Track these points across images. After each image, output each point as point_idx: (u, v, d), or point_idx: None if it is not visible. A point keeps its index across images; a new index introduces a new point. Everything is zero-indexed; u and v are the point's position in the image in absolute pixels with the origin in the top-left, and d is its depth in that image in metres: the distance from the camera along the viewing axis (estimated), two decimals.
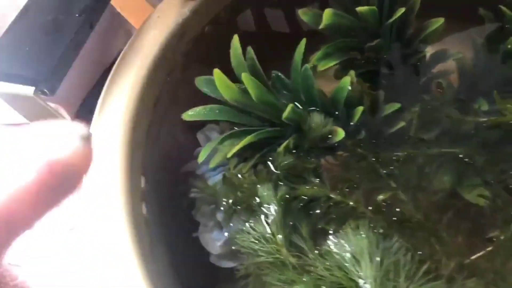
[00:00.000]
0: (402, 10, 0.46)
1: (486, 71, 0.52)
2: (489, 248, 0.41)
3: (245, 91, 0.44)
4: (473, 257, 0.41)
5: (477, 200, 0.43)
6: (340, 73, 0.49)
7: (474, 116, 0.46)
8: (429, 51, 0.53)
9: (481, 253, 0.41)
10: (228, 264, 0.50)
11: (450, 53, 0.52)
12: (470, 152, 0.44)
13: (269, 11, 0.60)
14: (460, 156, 0.44)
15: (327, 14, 0.45)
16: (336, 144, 0.45)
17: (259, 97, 0.43)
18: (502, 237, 0.41)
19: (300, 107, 0.45)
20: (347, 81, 0.45)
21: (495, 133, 0.45)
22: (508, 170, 0.43)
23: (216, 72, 0.44)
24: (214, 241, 0.47)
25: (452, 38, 0.57)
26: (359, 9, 0.44)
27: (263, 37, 0.61)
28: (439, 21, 0.48)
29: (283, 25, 0.61)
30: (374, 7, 0.44)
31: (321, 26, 0.46)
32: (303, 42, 0.46)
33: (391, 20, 0.46)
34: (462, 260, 0.41)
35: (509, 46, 0.50)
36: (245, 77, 0.42)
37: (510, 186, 0.42)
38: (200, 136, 0.52)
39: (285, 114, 0.42)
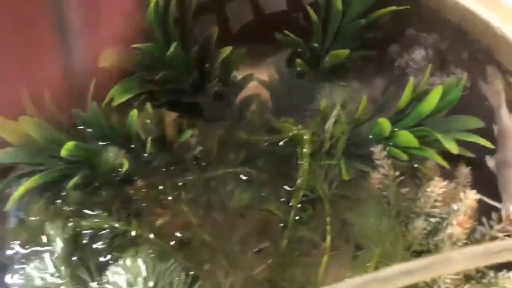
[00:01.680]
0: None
1: (289, 92, 0.56)
2: (269, 261, 0.44)
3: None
4: (256, 271, 0.44)
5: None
6: (140, 106, 0.51)
7: (260, 136, 0.49)
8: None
9: (262, 267, 0.44)
10: None
11: (253, 77, 0.55)
12: (252, 170, 0.47)
13: None
14: (242, 175, 0.46)
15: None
16: (131, 175, 0.47)
17: (43, 137, 0.45)
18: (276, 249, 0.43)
19: (88, 143, 0.47)
20: (134, 114, 0.47)
21: (276, 150, 0.48)
22: (284, 183, 0.46)
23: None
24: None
25: (265, 63, 0.61)
26: (139, 46, 0.47)
27: None
28: (227, 50, 0.51)
29: None
30: (150, 44, 0.47)
31: (111, 63, 0.48)
32: (92, 83, 0.48)
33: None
34: (243, 274, 0.43)
35: (298, 68, 0.55)
36: (25, 121, 0.44)
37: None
38: None
39: (63, 152, 0.43)
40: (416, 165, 0.47)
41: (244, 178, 0.46)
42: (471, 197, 0.42)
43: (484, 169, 0.51)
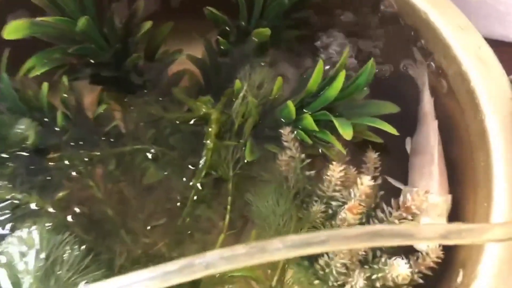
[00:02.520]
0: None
1: (215, 69, 0.56)
2: (167, 238, 0.44)
3: None
4: (154, 248, 0.44)
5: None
6: (58, 79, 0.51)
7: (174, 113, 0.49)
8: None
9: (160, 244, 0.44)
10: None
11: (181, 53, 0.55)
12: (160, 148, 0.47)
13: None
14: (149, 152, 0.47)
15: (22, 24, 0.47)
16: (43, 148, 0.48)
17: None
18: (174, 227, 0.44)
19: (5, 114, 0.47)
20: (45, 87, 0.47)
21: (188, 128, 0.48)
22: (189, 162, 0.46)
23: None
24: None
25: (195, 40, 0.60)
26: (47, 18, 0.46)
27: None
28: (147, 24, 0.51)
29: None
30: (59, 18, 0.46)
31: (22, 36, 0.48)
32: (6, 53, 0.48)
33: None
34: (140, 249, 0.44)
35: (222, 47, 0.54)
36: None
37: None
38: None
39: None
40: (320, 149, 0.47)
41: (150, 156, 0.47)
42: (366, 183, 0.42)
43: (404, 155, 0.51)
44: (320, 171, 0.47)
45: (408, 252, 0.43)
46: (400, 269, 0.39)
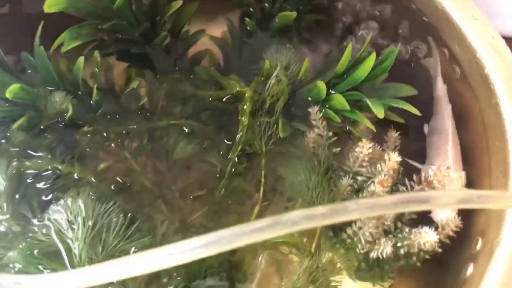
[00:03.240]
0: None
1: (238, 50, 0.58)
2: (205, 208, 0.47)
3: None
4: (192, 217, 0.47)
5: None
6: (90, 53, 0.52)
7: (205, 90, 0.51)
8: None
9: (198, 213, 0.47)
10: None
11: (204, 33, 0.57)
12: (195, 123, 0.49)
13: None
14: (185, 127, 0.49)
15: None
16: (77, 121, 0.49)
17: None
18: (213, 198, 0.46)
19: (36, 88, 0.48)
20: (81, 61, 0.48)
21: (220, 105, 0.50)
22: (224, 137, 0.49)
23: None
24: None
25: (216, 20, 0.62)
26: None
27: None
28: (177, 4, 0.52)
29: None
30: None
31: (60, 9, 0.48)
32: (41, 25, 0.48)
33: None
34: (180, 219, 0.46)
35: (247, 27, 0.56)
36: None
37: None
38: None
39: (7, 93, 0.44)
40: (348, 127, 0.50)
41: (187, 130, 0.49)
42: (393, 158, 0.45)
43: (421, 135, 0.55)
44: (343, 149, 0.51)
45: (425, 224, 0.47)
46: (428, 236, 0.42)
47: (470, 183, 0.49)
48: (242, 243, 0.28)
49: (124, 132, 0.48)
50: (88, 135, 0.48)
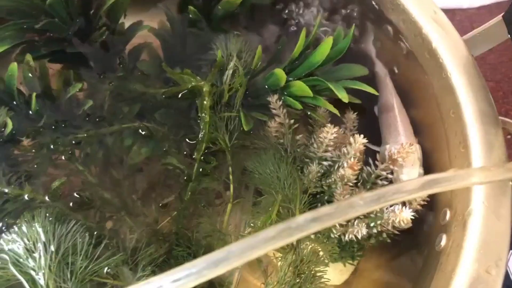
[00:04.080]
0: None
1: (181, 41, 0.55)
2: (173, 213, 0.44)
3: None
4: (160, 224, 0.44)
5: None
6: (20, 57, 0.46)
7: (156, 88, 0.48)
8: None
9: (167, 219, 0.44)
10: None
11: (143, 25, 0.53)
12: (150, 124, 0.45)
13: None
14: (140, 129, 0.45)
15: None
16: (17, 135, 0.44)
17: None
18: (181, 202, 0.44)
19: None
20: (14, 68, 0.43)
21: (174, 102, 0.47)
22: (184, 136, 0.46)
23: None
24: None
25: (155, 9, 0.58)
26: None
27: None
28: None
29: None
30: None
31: None
32: None
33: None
34: (149, 229, 0.43)
35: (190, 16, 0.53)
36: None
37: (185, 152, 0.45)
38: None
39: None
40: (309, 113, 0.49)
41: (142, 132, 0.45)
42: (359, 141, 0.45)
43: (371, 115, 0.55)
44: (304, 135, 0.50)
45: None
46: (404, 214, 0.43)
47: (429, 157, 0.50)
48: (253, 256, 0.26)
49: (73, 142, 0.43)
50: (33, 150, 0.43)
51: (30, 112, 0.44)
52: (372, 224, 0.46)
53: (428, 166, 0.50)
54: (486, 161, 0.43)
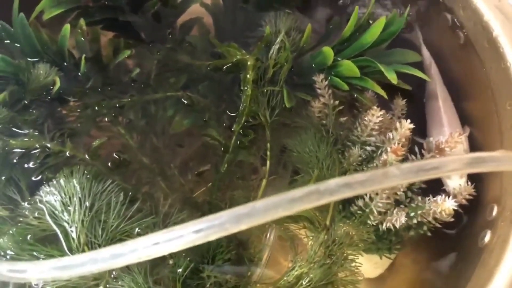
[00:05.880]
0: None
1: (232, 17, 0.54)
2: (209, 184, 0.44)
3: None
4: (196, 193, 0.44)
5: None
6: (74, 22, 0.48)
7: (203, 60, 0.48)
8: None
9: (202, 189, 0.44)
10: None
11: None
12: (193, 95, 0.45)
13: None
14: (183, 99, 0.45)
15: None
16: (64, 95, 0.45)
17: None
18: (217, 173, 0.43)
19: (20, 59, 0.44)
20: (66, 29, 0.44)
21: (218, 75, 0.47)
22: (225, 109, 0.46)
23: None
24: None
25: None
26: None
27: None
28: None
29: None
30: None
31: None
32: None
33: None
34: (183, 196, 0.43)
35: None
36: None
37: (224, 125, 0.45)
38: None
39: None
40: (355, 95, 0.47)
41: (185, 102, 0.45)
42: (406, 126, 0.43)
43: (421, 104, 0.53)
44: (349, 118, 0.48)
45: (435, 193, 0.45)
46: (446, 204, 0.41)
47: (480, 149, 0.47)
48: (277, 215, 0.25)
49: (117, 105, 0.44)
50: (78, 110, 0.44)
51: (79, 74, 0.45)
52: (412, 214, 0.44)
53: None
54: None
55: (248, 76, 0.45)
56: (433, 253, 0.49)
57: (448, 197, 0.44)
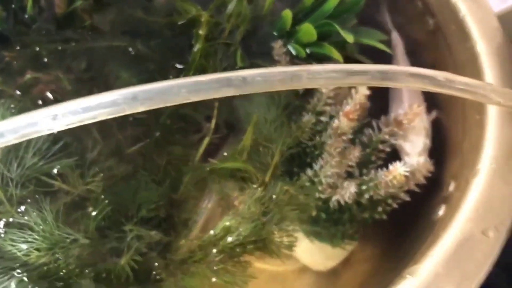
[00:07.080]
0: None
1: None
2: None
3: None
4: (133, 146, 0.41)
5: None
6: None
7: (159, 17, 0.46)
8: None
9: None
10: None
11: None
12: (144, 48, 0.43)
13: None
14: (129, 49, 0.43)
15: None
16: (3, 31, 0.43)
17: None
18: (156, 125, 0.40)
19: None
20: None
21: (173, 32, 0.45)
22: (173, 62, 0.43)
23: None
24: None
25: None
26: None
27: None
28: None
29: None
30: None
31: None
32: None
33: None
34: (117, 146, 0.40)
35: None
36: None
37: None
38: None
39: None
40: (313, 64, 0.45)
41: (132, 52, 0.43)
42: (361, 91, 0.41)
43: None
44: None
45: None
46: (397, 170, 0.38)
47: (443, 129, 0.45)
48: (177, 101, 0.22)
49: (59, 48, 0.42)
50: (17, 48, 0.42)
51: (26, 16, 0.43)
52: (364, 187, 0.40)
53: (440, 140, 0.44)
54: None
55: (200, 31, 0.43)
56: (390, 244, 0.46)
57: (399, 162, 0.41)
